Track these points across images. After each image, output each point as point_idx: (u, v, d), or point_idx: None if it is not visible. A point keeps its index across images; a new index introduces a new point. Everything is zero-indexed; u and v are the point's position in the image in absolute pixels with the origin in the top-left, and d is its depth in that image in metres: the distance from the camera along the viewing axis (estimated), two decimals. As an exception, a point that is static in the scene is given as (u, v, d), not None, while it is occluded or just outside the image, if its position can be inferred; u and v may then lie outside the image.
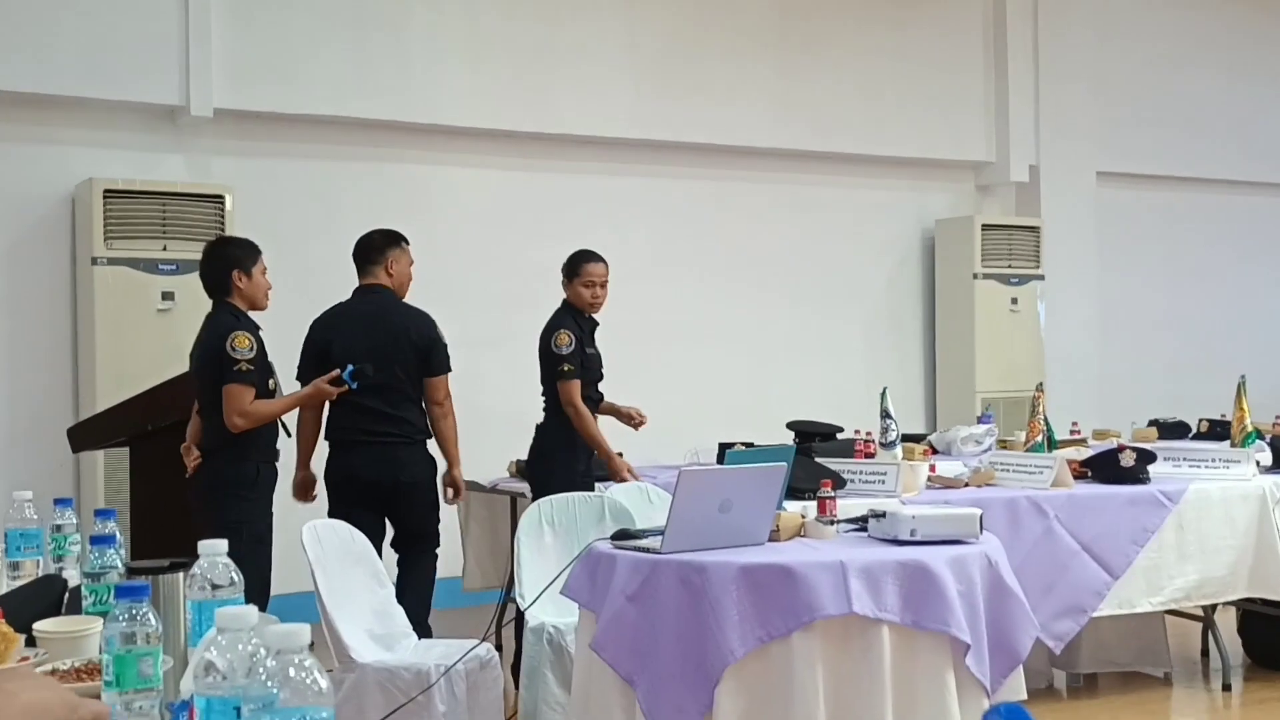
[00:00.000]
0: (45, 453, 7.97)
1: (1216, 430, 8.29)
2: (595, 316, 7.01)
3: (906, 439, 6.75)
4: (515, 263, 9.47)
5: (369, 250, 6.59)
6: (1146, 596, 6.36)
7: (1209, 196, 12.79)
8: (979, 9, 11.55)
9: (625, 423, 7.19)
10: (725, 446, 6.93)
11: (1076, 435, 7.88)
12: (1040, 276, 11.40)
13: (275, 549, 6.02)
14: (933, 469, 6.52)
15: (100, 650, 2.44)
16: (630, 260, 9.55)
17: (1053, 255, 11.46)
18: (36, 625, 2.97)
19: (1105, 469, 6.60)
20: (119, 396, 6.96)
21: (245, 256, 6.05)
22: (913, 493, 6.11)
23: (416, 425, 6.43)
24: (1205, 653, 7.43)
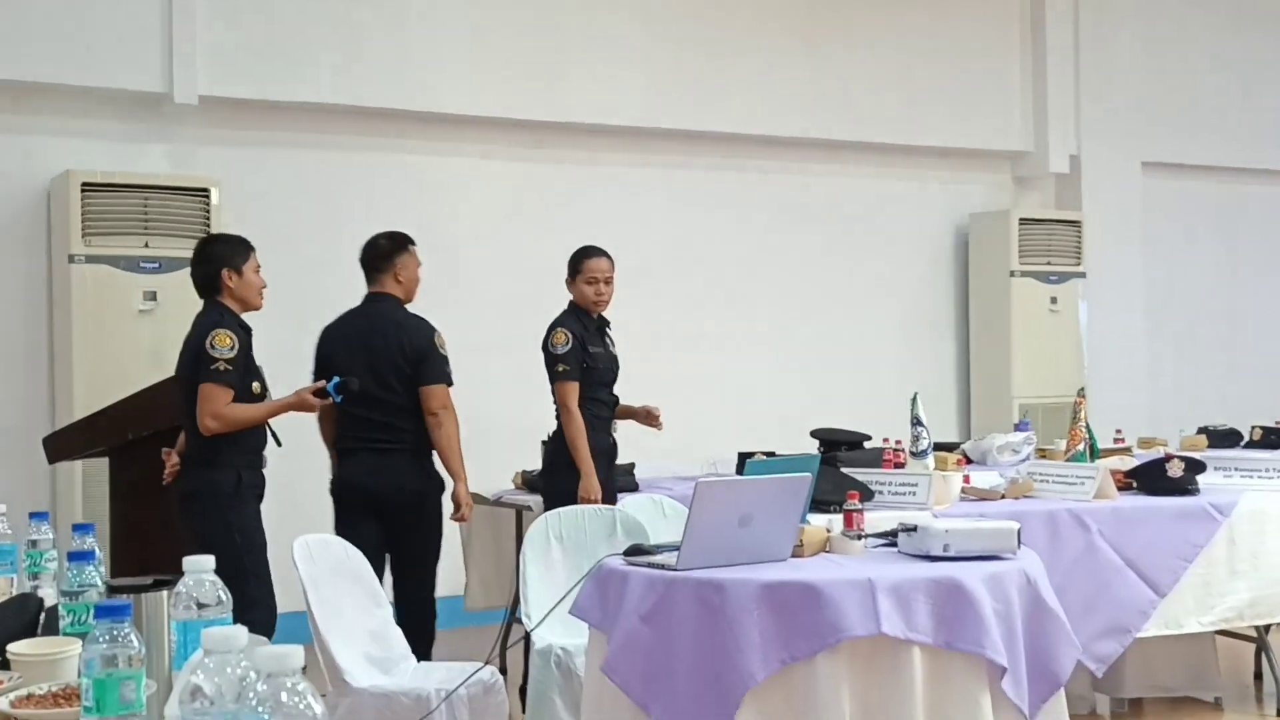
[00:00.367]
0: (19, 463, 7.98)
1: (1271, 438, 8.27)
2: (606, 315, 7.04)
3: (939, 448, 6.75)
4: (522, 261, 9.47)
5: (375, 258, 6.72)
6: (1195, 616, 6.35)
7: (1263, 188, 12.77)
8: (1016, -12, 11.57)
9: (644, 423, 7.19)
10: (745, 456, 6.91)
11: (1120, 444, 7.87)
12: (1081, 274, 11.38)
13: (264, 566, 6.04)
14: (967, 480, 6.51)
15: (79, 674, 2.44)
16: (645, 258, 9.59)
17: (1095, 251, 11.45)
18: (10, 647, 2.97)
19: (1151, 480, 6.59)
20: (98, 404, 6.97)
21: (236, 254, 6.08)
22: (945, 505, 6.11)
23: (416, 436, 6.51)
24: (1259, 676, 7.42)
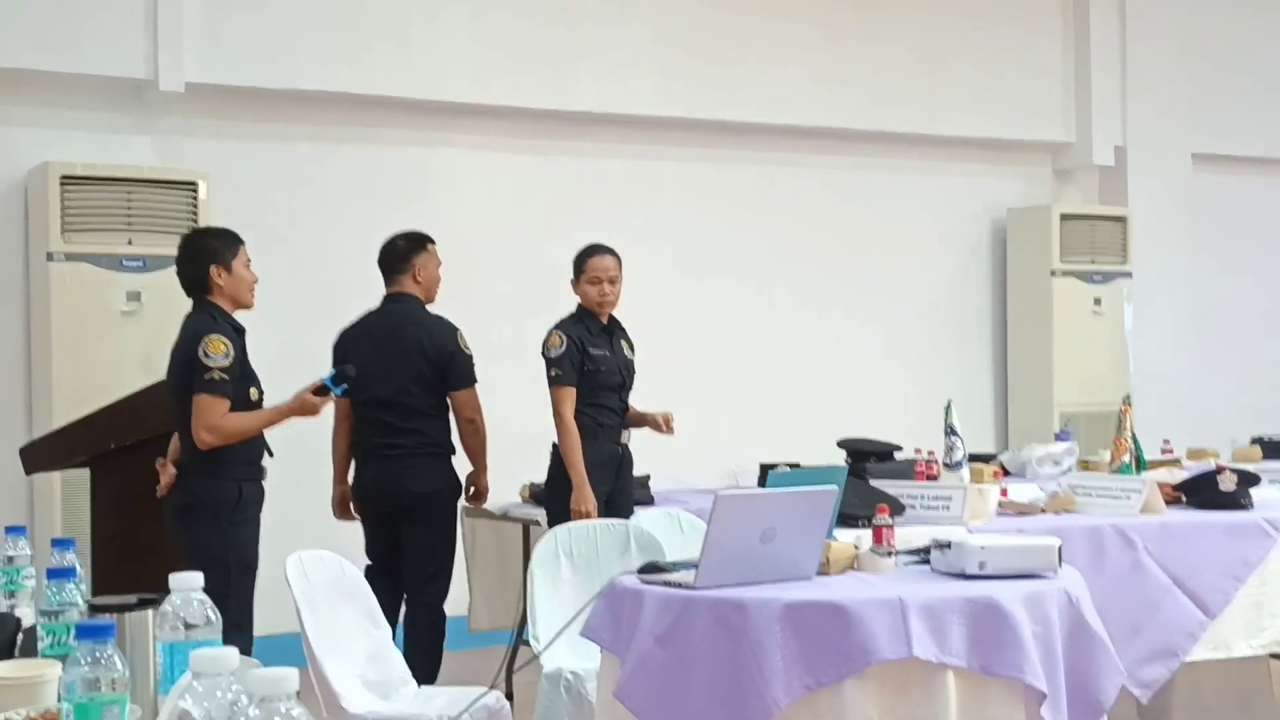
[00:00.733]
0: (-5, 474, 8.00)
1: (1329, 449, 8.26)
2: (616, 316, 7.08)
3: (974, 459, 6.75)
4: (527, 259, 9.47)
5: (393, 259, 7.04)
6: (1247, 639, 6.33)
7: (1321, 182, 12.75)
8: (1056, -32, 11.57)
9: (656, 430, 7.21)
10: (767, 468, 6.93)
11: (1169, 455, 7.86)
12: (1127, 273, 11.37)
13: (257, 584, 6.05)
14: (1004, 493, 6.51)
15: (59, 698, 2.45)
16: (658, 256, 9.59)
17: (1141, 249, 11.43)
18: (-13, 669, 2.98)
19: (1202, 493, 6.58)
20: (78, 411, 6.97)
21: (224, 248, 6.09)
22: (981, 520, 6.11)
23: (431, 438, 6.90)
24: (1316, 703, 7.41)
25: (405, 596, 6.87)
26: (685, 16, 10.10)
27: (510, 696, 6.61)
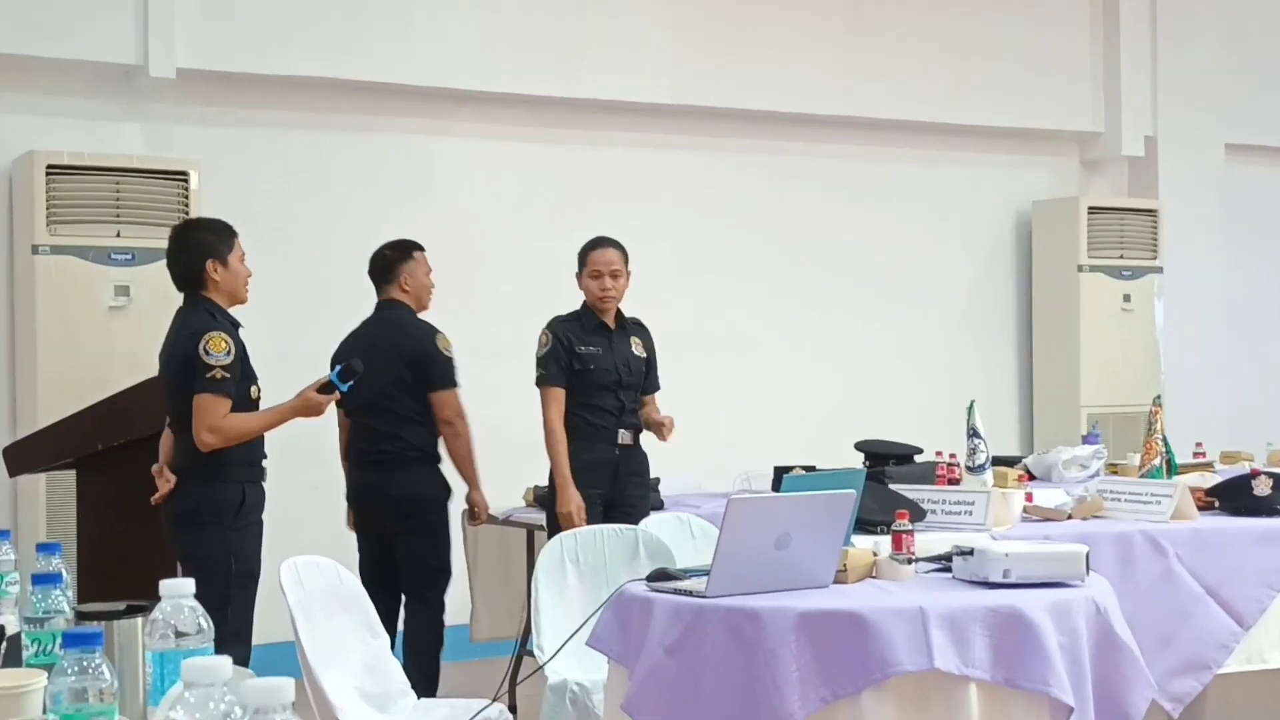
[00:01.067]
0: (-23, 476, 8.02)
1: (1369, 453, 8.24)
2: (625, 313, 7.10)
3: (998, 462, 6.73)
4: (532, 254, 9.46)
5: (380, 269, 7.30)
6: (1284, 651, 6.34)
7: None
8: (1085, -50, 11.56)
9: (655, 435, 7.23)
10: (782, 471, 6.92)
11: (1201, 458, 7.85)
12: (1158, 269, 11.36)
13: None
14: (1029, 498, 6.50)
15: (44, 709, 2.45)
16: (669, 251, 9.59)
17: (1172, 243, 11.42)
18: (-31, 680, 2.98)
19: (1235, 498, 6.57)
20: (64, 410, 6.98)
21: (220, 242, 6.08)
22: (1005, 526, 6.10)
23: (412, 443, 7.05)
24: (1355, 718, 7.40)
25: (404, 605, 6.94)
26: (699, 1, 10.09)
27: (513, 709, 6.61)
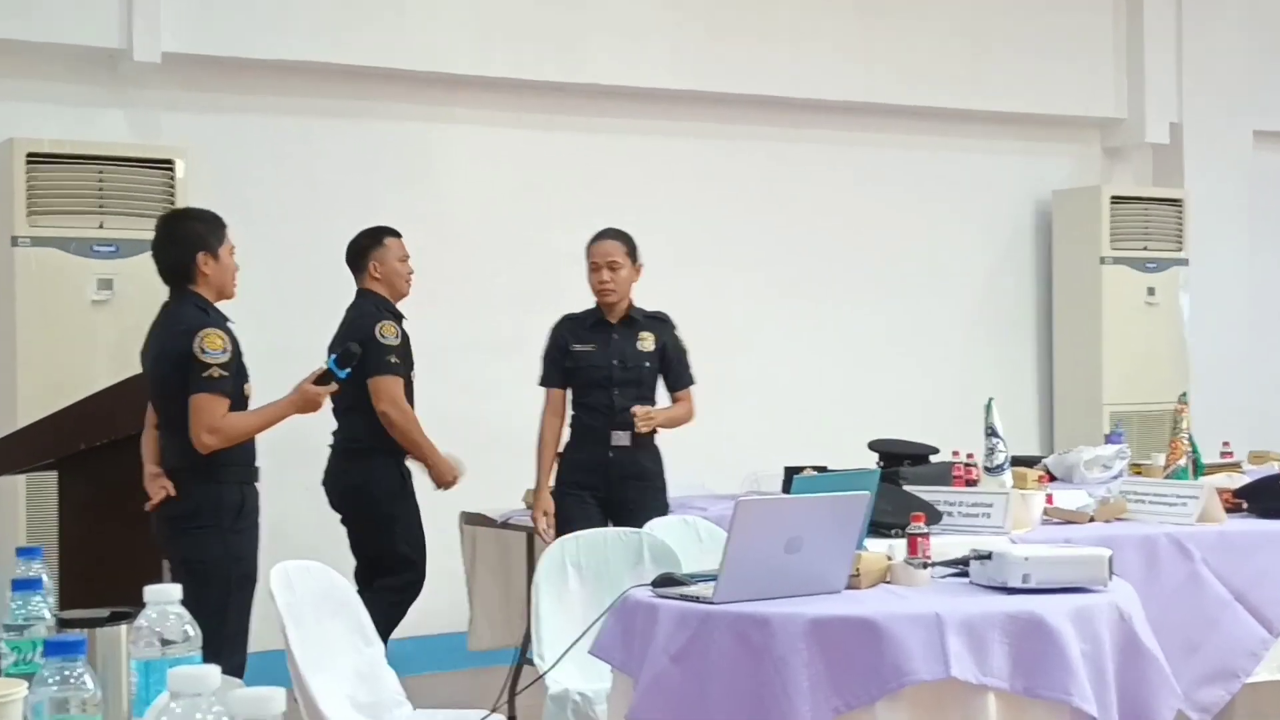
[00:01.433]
0: (-45, 477, 8.01)
1: (1403, 452, 8.24)
2: (637, 307, 7.13)
3: (1017, 462, 6.74)
4: (531, 244, 9.48)
5: (352, 256, 7.49)
6: (1315, 659, 6.33)
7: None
8: (1107, -71, 11.55)
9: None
10: (793, 471, 6.92)
11: (1228, 458, 7.85)
12: (1183, 261, 11.36)
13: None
14: (1049, 500, 6.51)
15: (25, 720, 2.45)
16: (671, 241, 9.58)
17: (1199, 234, 11.42)
18: (-54, 689, 2.98)
19: (1264, 500, 6.57)
20: (45, 409, 6.98)
21: (211, 234, 6.08)
22: (1025, 529, 6.10)
23: (349, 434, 7.30)
24: (1389, 729, 7.40)
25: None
26: (704, -18, 10.11)
27: None
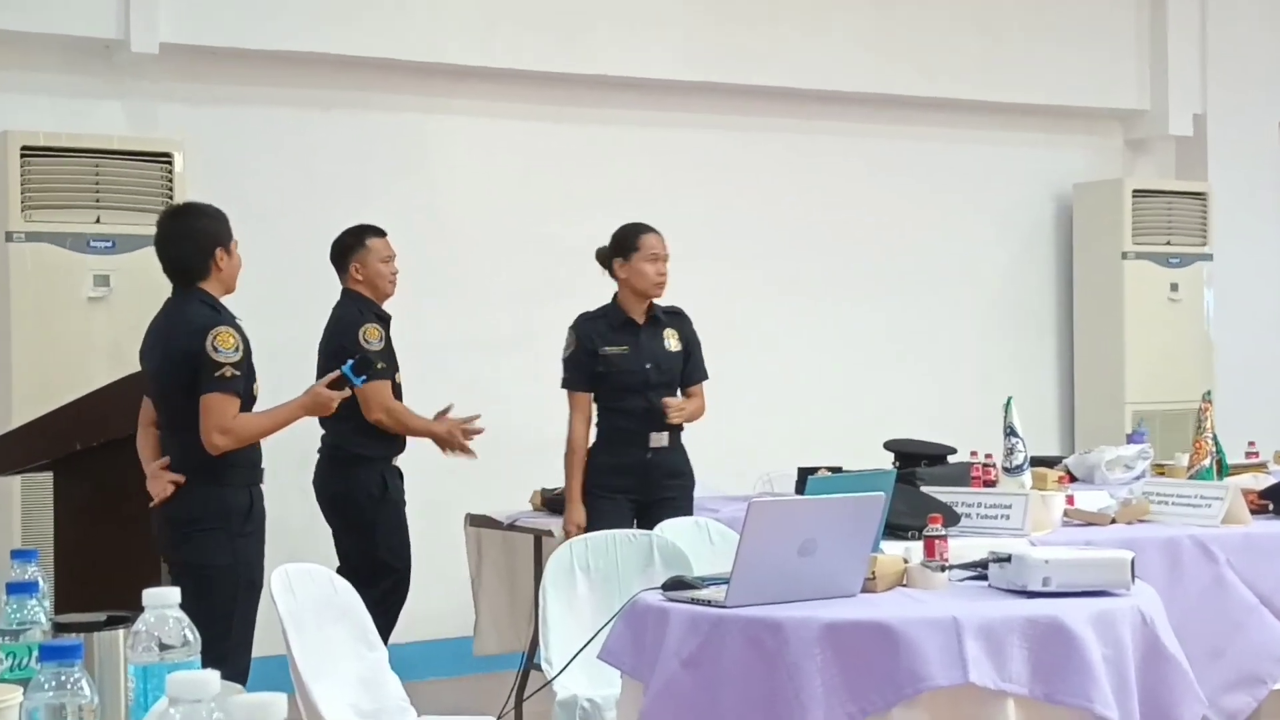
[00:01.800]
0: (-53, 478, 8.02)
1: None
2: (659, 304, 7.16)
3: (1037, 463, 6.74)
4: (534, 239, 9.47)
5: (334, 256, 7.57)
6: (1343, 664, 6.32)
7: None
8: (1129, -85, 11.53)
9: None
10: (806, 472, 6.92)
11: (1254, 458, 7.84)
12: (1207, 256, 11.35)
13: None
14: (1070, 501, 6.50)
15: (20, 726, 2.46)
16: (681, 237, 9.50)
17: (1223, 229, 11.41)
18: (-61, 695, 2.99)
19: (1291, 501, 6.58)
20: (40, 408, 6.98)
21: (222, 229, 6.08)
22: (1045, 531, 6.10)
23: (329, 441, 7.37)
24: None
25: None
26: (714, -30, 10.10)
27: (519, 726, 6.63)
